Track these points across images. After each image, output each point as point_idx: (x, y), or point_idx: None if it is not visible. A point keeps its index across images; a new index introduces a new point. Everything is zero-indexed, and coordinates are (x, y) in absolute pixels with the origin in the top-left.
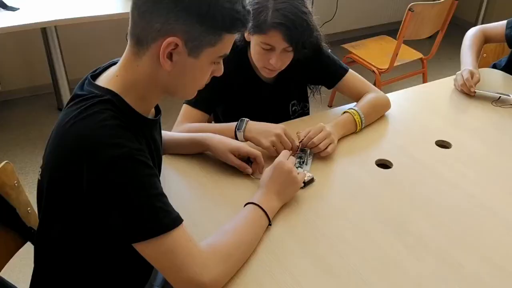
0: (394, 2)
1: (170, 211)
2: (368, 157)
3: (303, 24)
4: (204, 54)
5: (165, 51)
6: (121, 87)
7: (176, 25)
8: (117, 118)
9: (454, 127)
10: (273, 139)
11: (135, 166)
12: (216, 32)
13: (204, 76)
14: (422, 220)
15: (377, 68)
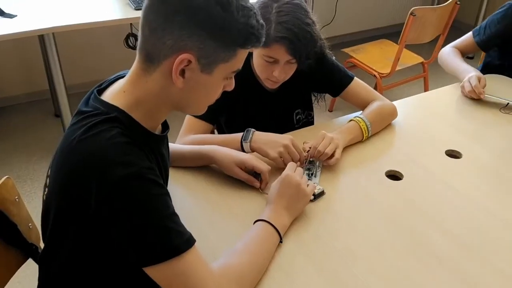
0: (392, 5)
1: (182, 232)
2: (377, 168)
3: (307, 36)
4: (217, 70)
5: (177, 68)
6: (129, 103)
7: (189, 41)
8: (126, 136)
9: (463, 136)
10: (281, 150)
11: (146, 186)
12: (230, 48)
13: (216, 92)
14: (435, 234)
15: (379, 72)
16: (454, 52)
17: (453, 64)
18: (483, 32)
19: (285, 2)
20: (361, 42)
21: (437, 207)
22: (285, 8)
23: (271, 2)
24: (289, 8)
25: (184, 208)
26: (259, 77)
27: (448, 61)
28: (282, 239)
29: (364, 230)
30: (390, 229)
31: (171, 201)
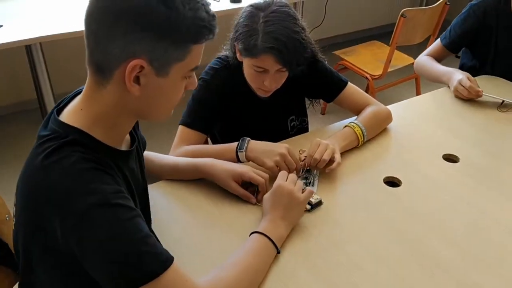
0: (381, 6)
1: (157, 253)
2: (375, 174)
3: (296, 45)
4: (173, 71)
5: (130, 76)
6: (87, 121)
7: (137, 46)
8: (88, 160)
9: (460, 139)
10: (277, 158)
11: (113, 213)
12: (182, 45)
13: (178, 94)
14: (436, 242)
15: (370, 74)
16: (429, 59)
17: (432, 69)
18: (448, 35)
19: (272, 10)
20: (351, 44)
21: (437, 214)
22: (272, 17)
23: (257, 12)
24: (276, 17)
25: (180, 222)
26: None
27: (425, 68)
28: (279, 250)
29: (364, 239)
30: (390, 238)
31: (143, 221)
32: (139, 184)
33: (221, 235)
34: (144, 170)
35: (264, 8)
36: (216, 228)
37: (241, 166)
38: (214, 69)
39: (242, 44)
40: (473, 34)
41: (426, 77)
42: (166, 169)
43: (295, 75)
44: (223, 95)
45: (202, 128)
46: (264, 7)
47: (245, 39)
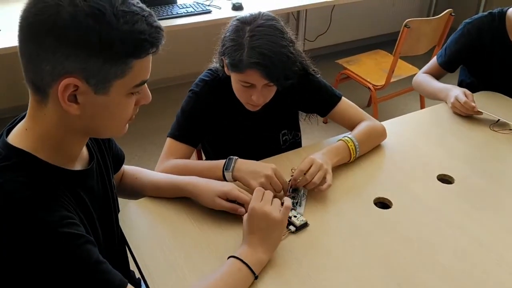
0: (388, 15)
1: (109, 280)
2: (366, 195)
3: (282, 59)
4: (114, 89)
5: (64, 95)
6: (32, 142)
7: (67, 63)
8: (29, 187)
9: (455, 159)
10: (262, 180)
11: (58, 241)
12: (120, 61)
13: (125, 111)
14: (425, 269)
15: (373, 84)
16: (427, 76)
17: (429, 87)
18: (444, 54)
19: (258, 24)
20: (356, 51)
21: (429, 239)
22: (258, 31)
23: (243, 26)
24: (263, 31)
25: (160, 241)
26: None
27: (423, 86)
28: (256, 275)
29: (351, 266)
30: (377, 265)
31: (94, 246)
32: (99, 204)
33: (200, 256)
34: (110, 189)
35: (250, 22)
36: (196, 248)
37: (225, 184)
38: (204, 81)
39: (228, 58)
40: (467, 52)
41: (424, 94)
42: (148, 186)
43: (286, 88)
44: (213, 108)
45: (190, 141)
46: (250, 20)
47: (231, 54)
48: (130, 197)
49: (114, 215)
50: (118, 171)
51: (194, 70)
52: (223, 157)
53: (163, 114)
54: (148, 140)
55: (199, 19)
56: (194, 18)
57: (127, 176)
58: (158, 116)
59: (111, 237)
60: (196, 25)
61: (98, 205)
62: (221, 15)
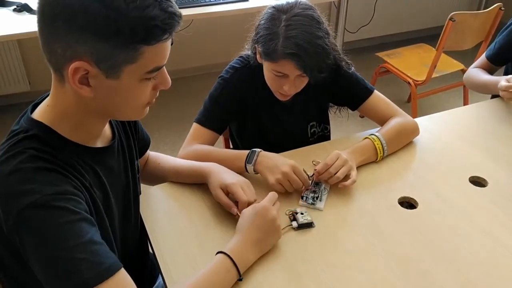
0: (435, 7)
1: (96, 262)
2: (390, 193)
3: (318, 50)
4: (125, 74)
5: (74, 77)
6: (53, 117)
7: (77, 47)
8: (38, 158)
9: (491, 161)
10: (279, 176)
11: (50, 214)
12: (129, 47)
13: (140, 96)
14: (447, 276)
15: (413, 79)
16: (477, 70)
17: (479, 80)
18: (493, 47)
19: (294, 14)
20: (400, 45)
21: (454, 245)
22: (295, 21)
23: (279, 14)
24: (299, 21)
25: (175, 227)
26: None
27: (473, 79)
28: (241, 277)
29: (368, 266)
30: (397, 267)
31: (90, 226)
32: (119, 183)
33: (214, 245)
34: (131, 172)
35: (286, 11)
36: (211, 237)
37: (232, 177)
38: (234, 68)
39: (262, 47)
40: None
41: (474, 89)
42: (170, 171)
43: (318, 80)
44: (241, 95)
45: (215, 127)
46: (286, 9)
47: (265, 43)
48: (152, 182)
49: (133, 196)
50: (143, 155)
51: (225, 59)
52: (249, 145)
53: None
54: (182, 126)
55: (236, 7)
56: (230, 6)
57: (150, 162)
58: (192, 102)
59: (128, 216)
60: (232, 13)
61: (117, 184)
62: (258, 3)
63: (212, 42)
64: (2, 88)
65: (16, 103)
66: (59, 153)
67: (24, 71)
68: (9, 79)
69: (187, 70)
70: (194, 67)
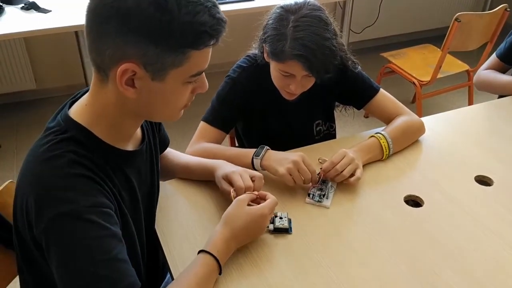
0: (440, 8)
1: (116, 280)
2: (396, 192)
3: (325, 52)
4: (170, 76)
5: (122, 79)
6: (90, 117)
7: (128, 49)
8: (77, 164)
9: (496, 160)
10: (290, 166)
11: (81, 227)
12: (178, 51)
13: (180, 99)
14: (454, 274)
15: (418, 80)
16: (491, 72)
17: (497, 81)
18: (503, 46)
19: (303, 14)
20: (404, 46)
21: (459, 243)
22: (303, 22)
23: (287, 14)
24: (307, 22)
25: (183, 223)
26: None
27: (489, 81)
28: (221, 271)
29: (374, 263)
30: (402, 265)
31: (117, 242)
32: (145, 186)
33: None
34: (156, 173)
35: (294, 11)
36: None
37: (236, 167)
38: (241, 68)
39: (270, 47)
40: None
41: (490, 91)
42: (178, 167)
43: (324, 80)
44: (248, 94)
45: (222, 126)
46: (294, 10)
47: (273, 43)
48: (162, 178)
49: (156, 197)
50: (161, 154)
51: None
52: (255, 144)
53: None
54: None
55: (241, 7)
56: (236, 5)
57: (161, 158)
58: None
59: (151, 219)
60: (238, 12)
61: (143, 186)
62: (264, 3)
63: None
64: (9, 86)
65: (22, 100)
66: (94, 156)
67: (30, 69)
68: (15, 76)
69: None
70: None
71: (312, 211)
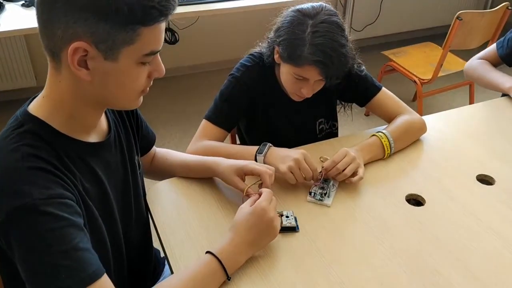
0: (441, 6)
1: (80, 269)
2: (398, 190)
3: (341, 59)
4: (123, 55)
5: (73, 59)
6: (47, 110)
7: (77, 27)
8: (33, 156)
9: (498, 159)
10: (291, 164)
11: (38, 220)
12: (127, 28)
13: (136, 80)
14: (455, 273)
15: (419, 78)
16: (484, 63)
17: (488, 75)
18: (506, 45)
19: (321, 20)
20: (406, 43)
21: (460, 242)
22: (321, 27)
23: (305, 19)
24: (325, 28)
25: (184, 221)
26: (283, 86)
27: (478, 73)
28: (229, 277)
29: (376, 262)
30: (404, 263)
31: (78, 231)
32: (117, 178)
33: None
34: (130, 166)
35: (312, 16)
36: (219, 230)
37: (246, 161)
38: (245, 67)
39: (286, 51)
40: None
41: (479, 83)
42: (178, 166)
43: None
44: (251, 93)
45: (224, 125)
46: (313, 14)
47: (290, 47)
48: (161, 178)
49: (133, 190)
50: (147, 152)
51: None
52: (257, 142)
53: (204, 98)
54: (189, 122)
55: (242, 4)
56: (236, 3)
57: (158, 158)
58: (199, 99)
59: (129, 212)
60: (238, 10)
61: (113, 179)
62: (264, 0)
63: (218, 39)
64: (9, 83)
65: (22, 98)
66: (52, 148)
67: (30, 66)
68: (15, 74)
69: (192, 67)
70: (200, 64)
71: (313, 209)
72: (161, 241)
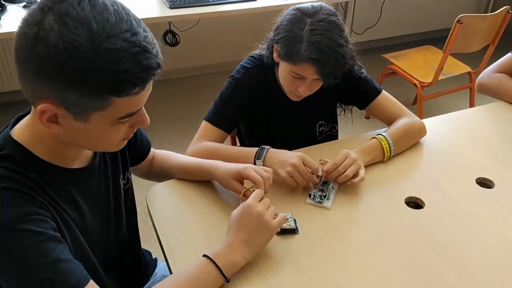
0: (441, 9)
1: (62, 280)
2: (397, 193)
3: (338, 58)
4: (94, 119)
5: (42, 117)
6: (30, 138)
7: (44, 90)
8: (6, 178)
9: (499, 163)
10: (289, 169)
11: (14, 237)
12: (98, 97)
13: (113, 136)
14: (454, 276)
15: (420, 81)
16: (501, 75)
17: (503, 88)
18: None
19: (320, 19)
20: (406, 46)
21: (460, 245)
22: (319, 26)
23: (304, 17)
24: (323, 27)
25: (183, 223)
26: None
27: (497, 85)
28: (228, 279)
29: (375, 264)
30: (403, 266)
31: (56, 243)
32: (101, 201)
33: (220, 239)
34: (115, 186)
35: (311, 15)
36: (218, 231)
37: (244, 164)
38: (245, 69)
39: (284, 48)
40: None
41: (499, 96)
42: (176, 169)
43: (331, 84)
44: (252, 95)
45: (224, 127)
46: (312, 13)
47: (288, 44)
48: (160, 180)
49: (114, 211)
50: (143, 160)
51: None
52: (257, 144)
53: (204, 100)
54: (189, 124)
55: (243, 7)
56: (237, 5)
57: (156, 160)
58: (199, 101)
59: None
60: (240, 12)
61: (97, 201)
62: (266, 3)
63: (219, 41)
64: (10, 85)
65: (21, 99)
66: (30, 173)
67: None
68: (14, 75)
69: (193, 68)
70: (201, 66)
71: (312, 212)
72: (160, 241)
